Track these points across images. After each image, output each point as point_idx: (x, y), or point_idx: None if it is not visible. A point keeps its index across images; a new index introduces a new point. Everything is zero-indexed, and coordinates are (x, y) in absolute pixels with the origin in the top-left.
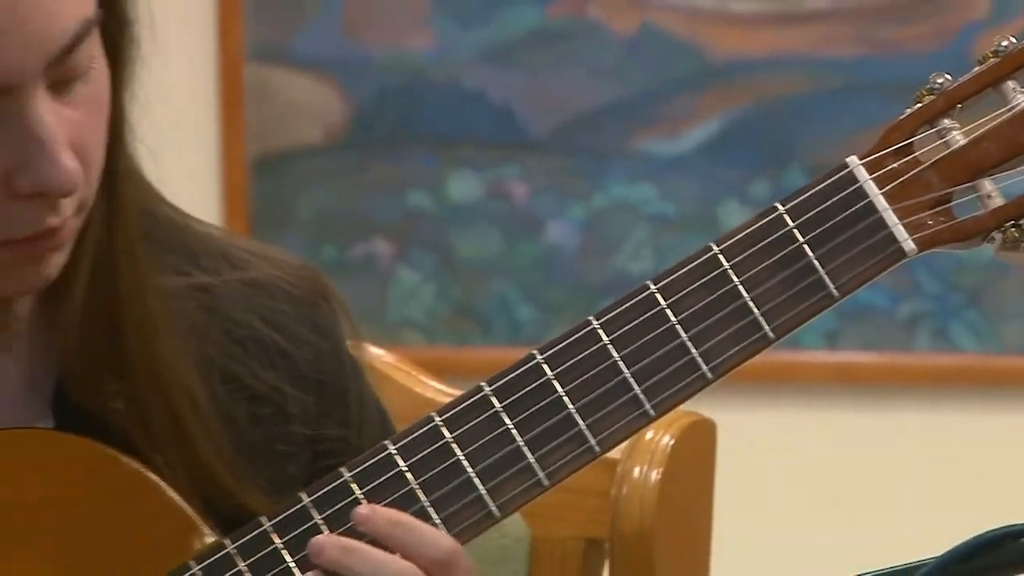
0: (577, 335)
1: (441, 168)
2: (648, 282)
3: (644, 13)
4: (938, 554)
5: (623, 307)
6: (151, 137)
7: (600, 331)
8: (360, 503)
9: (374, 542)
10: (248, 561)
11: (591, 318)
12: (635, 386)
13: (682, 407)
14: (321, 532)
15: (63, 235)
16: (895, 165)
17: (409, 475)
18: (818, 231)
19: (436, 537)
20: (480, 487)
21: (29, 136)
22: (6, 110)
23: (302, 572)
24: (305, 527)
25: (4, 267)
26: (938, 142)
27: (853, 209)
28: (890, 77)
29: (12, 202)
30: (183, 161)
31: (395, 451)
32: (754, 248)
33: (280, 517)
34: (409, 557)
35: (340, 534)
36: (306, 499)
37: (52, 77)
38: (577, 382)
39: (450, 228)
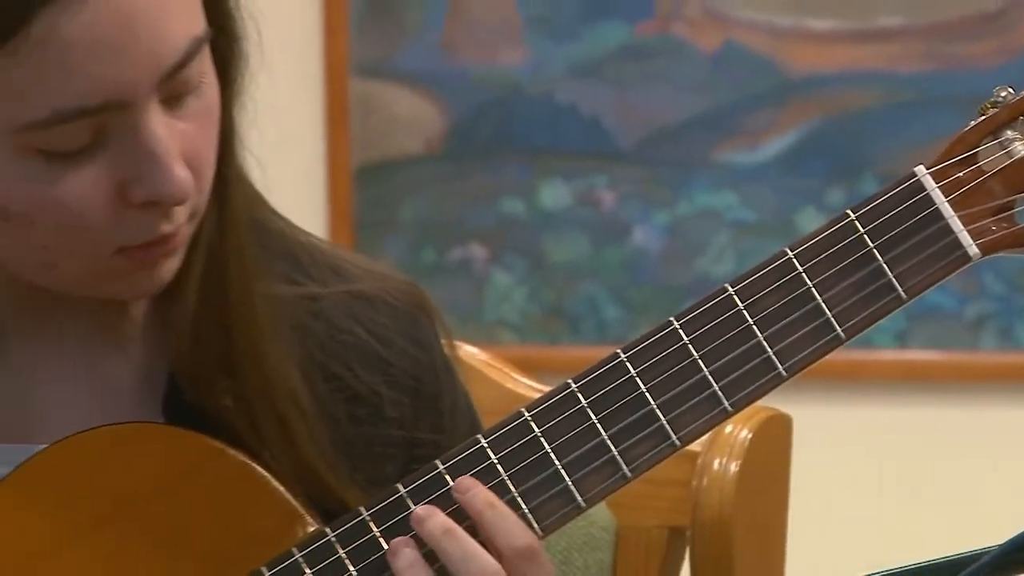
0: (659, 335)
1: (533, 177)
2: (726, 284)
3: (727, 31)
4: (1000, 543)
5: (703, 308)
6: (261, 147)
7: (681, 331)
8: None
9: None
10: (347, 548)
11: (672, 318)
12: (714, 383)
13: (759, 402)
14: None
15: (176, 241)
16: (960, 174)
17: (499, 467)
18: (887, 237)
19: (523, 529)
20: (567, 479)
21: (143, 149)
22: (121, 124)
23: None
24: (401, 516)
25: (120, 273)
26: (1001, 152)
27: (920, 216)
28: (957, 91)
29: (128, 211)
30: (292, 169)
31: (486, 444)
32: (827, 252)
33: (378, 507)
34: (496, 539)
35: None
36: (402, 489)
37: (164, 92)
38: (659, 379)
39: (542, 234)
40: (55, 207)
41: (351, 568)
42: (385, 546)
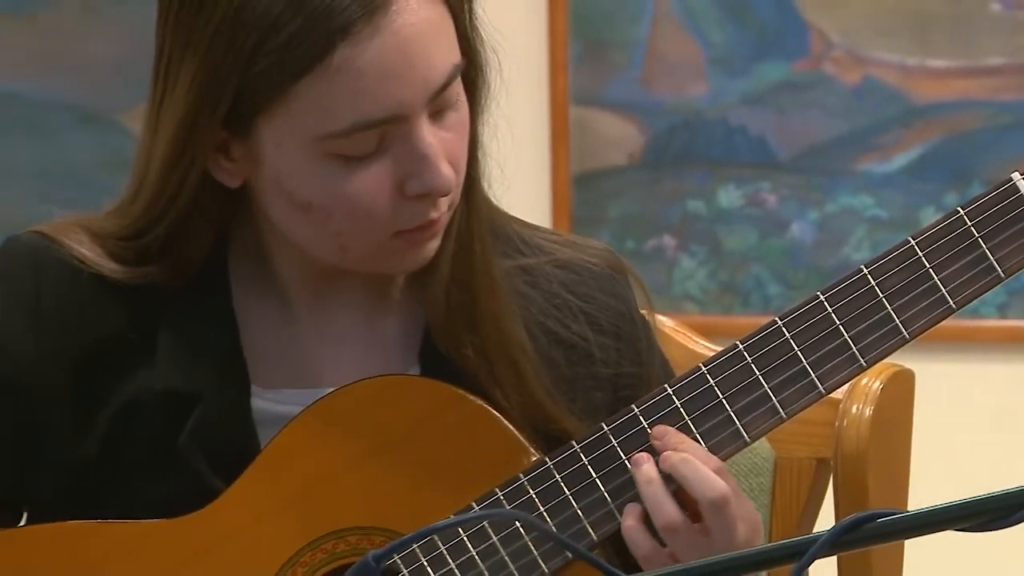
0: (808, 306)
1: (712, 183)
2: (861, 266)
3: (865, 68)
4: None
5: (843, 285)
6: (499, 156)
7: (826, 303)
8: (647, 432)
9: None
10: (562, 474)
11: (819, 292)
12: (852, 345)
13: (887, 359)
14: (617, 454)
15: (439, 226)
16: None
17: (683, 411)
18: (989, 228)
19: (711, 455)
20: (736, 421)
21: (417, 152)
22: (400, 133)
23: (604, 485)
24: (604, 449)
25: (396, 251)
26: None
27: (1016, 212)
28: None
29: (404, 202)
30: (524, 177)
31: (672, 392)
32: (941, 241)
33: (586, 441)
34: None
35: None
36: (606, 428)
37: (431, 108)
38: (808, 341)
39: (718, 227)
40: (349, 200)
41: (565, 490)
42: (592, 472)
